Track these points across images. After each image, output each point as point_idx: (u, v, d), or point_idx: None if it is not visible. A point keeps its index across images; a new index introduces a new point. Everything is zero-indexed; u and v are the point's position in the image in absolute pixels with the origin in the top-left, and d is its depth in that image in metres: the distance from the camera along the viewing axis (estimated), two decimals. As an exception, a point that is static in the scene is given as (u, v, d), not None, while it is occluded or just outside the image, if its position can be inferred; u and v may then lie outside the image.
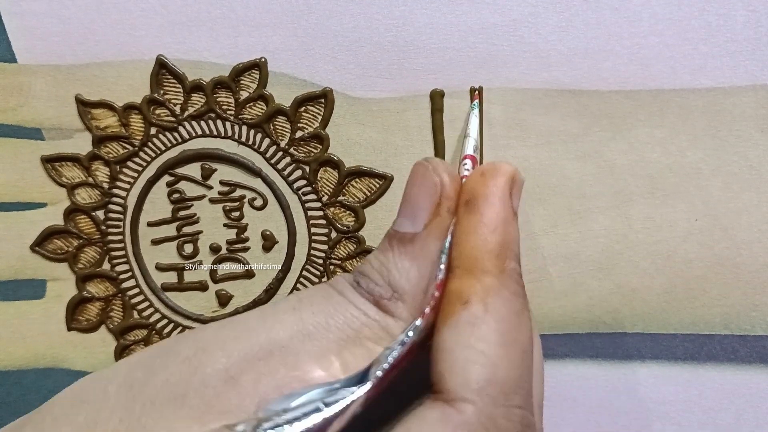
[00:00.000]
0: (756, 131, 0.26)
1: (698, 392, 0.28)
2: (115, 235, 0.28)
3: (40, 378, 0.29)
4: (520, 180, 0.21)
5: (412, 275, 0.20)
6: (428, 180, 0.20)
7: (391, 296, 0.20)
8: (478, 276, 0.19)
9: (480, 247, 0.20)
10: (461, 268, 0.20)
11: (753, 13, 0.25)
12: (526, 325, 0.19)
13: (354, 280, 0.20)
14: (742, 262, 0.27)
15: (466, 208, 0.20)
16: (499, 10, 0.26)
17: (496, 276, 0.19)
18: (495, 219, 0.20)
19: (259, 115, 0.27)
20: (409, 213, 0.21)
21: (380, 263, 0.20)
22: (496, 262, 0.19)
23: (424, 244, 0.20)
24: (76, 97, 0.27)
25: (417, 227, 0.20)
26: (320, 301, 0.20)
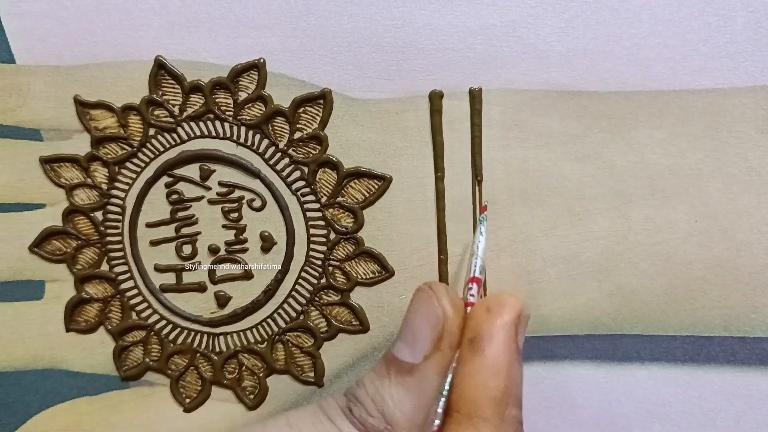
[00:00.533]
0: (756, 132, 0.26)
1: (698, 394, 0.28)
2: (113, 236, 0.28)
3: (39, 379, 0.29)
4: (526, 316, 0.21)
5: (407, 408, 0.19)
6: (431, 310, 0.20)
7: (384, 429, 0.19)
8: (476, 423, 0.19)
9: (481, 393, 0.19)
10: (460, 412, 0.19)
11: (753, 14, 0.25)
12: None
13: (346, 406, 0.20)
14: (742, 263, 0.27)
15: (470, 347, 0.20)
16: (498, 11, 0.26)
17: (496, 426, 0.19)
18: (499, 363, 0.19)
19: (258, 116, 0.27)
20: (409, 340, 0.20)
21: (375, 390, 0.20)
22: (497, 409, 0.19)
23: (423, 377, 0.20)
24: (75, 98, 0.27)
25: (416, 357, 0.20)
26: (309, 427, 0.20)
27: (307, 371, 0.29)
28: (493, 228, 0.27)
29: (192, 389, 0.29)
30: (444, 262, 0.27)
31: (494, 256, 0.28)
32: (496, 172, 0.27)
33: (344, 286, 0.28)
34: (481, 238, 0.25)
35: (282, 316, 0.28)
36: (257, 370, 0.29)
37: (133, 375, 0.29)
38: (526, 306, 0.21)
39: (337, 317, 0.28)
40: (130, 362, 0.29)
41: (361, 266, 0.28)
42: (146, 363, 0.29)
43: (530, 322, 0.28)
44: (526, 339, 0.28)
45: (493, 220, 0.27)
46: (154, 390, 0.29)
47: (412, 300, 0.21)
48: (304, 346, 0.28)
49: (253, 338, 0.29)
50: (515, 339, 0.20)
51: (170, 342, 0.29)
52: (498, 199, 0.27)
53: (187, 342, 0.29)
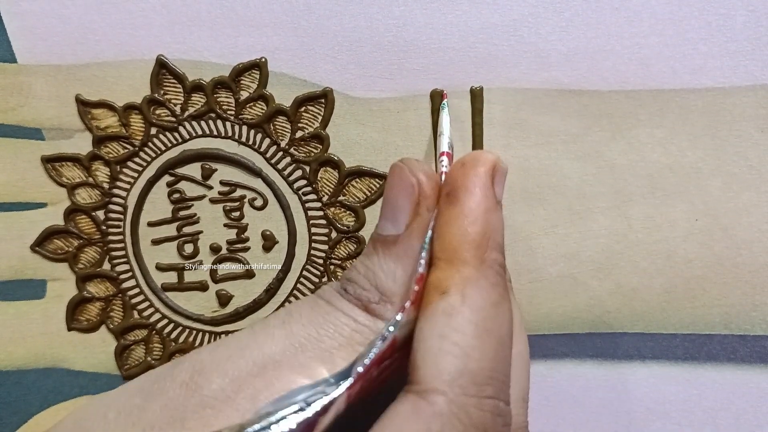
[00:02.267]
0: (756, 131, 0.26)
1: (698, 392, 0.28)
2: (115, 235, 0.28)
3: (41, 378, 0.29)
4: (502, 168, 0.21)
5: (398, 276, 0.20)
6: (405, 181, 0.20)
7: (380, 299, 0.20)
8: (457, 266, 0.19)
9: (460, 238, 0.19)
10: (442, 259, 0.20)
11: (753, 13, 0.25)
12: (504, 317, 0.19)
13: (341, 287, 0.20)
14: (742, 261, 0.27)
15: (447, 200, 0.20)
16: (500, 10, 0.26)
17: (476, 267, 0.19)
18: (475, 209, 0.20)
19: (260, 115, 0.27)
20: (390, 215, 0.21)
21: (366, 268, 0.20)
22: (476, 252, 0.19)
23: (407, 244, 0.20)
24: (77, 97, 0.27)
25: (399, 228, 0.20)
26: (309, 313, 0.20)
27: (309, 370, 0.29)
28: (494, 226, 0.27)
29: (193, 388, 0.29)
30: (445, 260, 0.27)
31: (495, 255, 0.28)
32: (497, 170, 0.27)
33: (346, 285, 0.28)
34: (446, 117, 0.25)
35: (283, 314, 0.28)
36: (259, 368, 0.29)
37: (134, 374, 0.29)
38: (502, 159, 0.21)
39: (338, 316, 0.28)
40: (131, 361, 0.29)
41: (363, 265, 0.28)
42: (148, 362, 0.29)
43: (530, 320, 0.28)
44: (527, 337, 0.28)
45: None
46: (156, 389, 0.29)
47: (388, 177, 0.21)
48: (306, 345, 0.28)
49: (255, 337, 0.29)
50: (491, 188, 0.20)
51: (172, 341, 0.29)
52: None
53: (188, 341, 0.29)
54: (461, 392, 0.18)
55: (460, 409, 0.17)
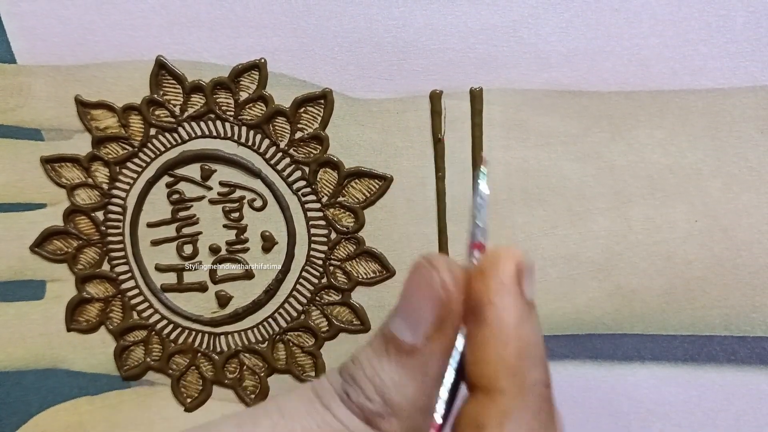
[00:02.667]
0: (756, 132, 0.26)
1: (698, 393, 0.28)
2: (114, 235, 0.28)
3: (40, 378, 0.29)
4: (528, 264, 0.18)
5: (409, 392, 0.18)
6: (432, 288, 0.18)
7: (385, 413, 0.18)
8: (493, 397, 0.17)
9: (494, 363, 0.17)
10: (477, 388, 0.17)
11: (753, 14, 0.25)
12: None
13: (343, 389, 0.18)
14: (742, 263, 0.27)
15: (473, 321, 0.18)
16: (499, 11, 0.26)
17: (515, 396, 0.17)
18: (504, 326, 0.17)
19: (259, 116, 0.27)
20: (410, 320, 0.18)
21: (374, 371, 0.18)
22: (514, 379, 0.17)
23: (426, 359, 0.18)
24: (76, 98, 0.27)
25: (417, 338, 0.18)
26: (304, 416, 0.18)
27: (308, 371, 0.29)
28: (493, 227, 0.27)
29: (193, 389, 0.29)
30: (445, 261, 0.27)
31: (495, 256, 0.28)
32: (497, 171, 0.27)
33: (345, 286, 0.28)
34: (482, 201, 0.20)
35: (283, 315, 0.28)
36: (258, 369, 0.29)
37: (134, 375, 0.29)
38: (527, 255, 0.18)
39: (338, 317, 0.28)
40: (131, 362, 0.29)
41: (362, 266, 0.28)
42: (147, 363, 0.29)
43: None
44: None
45: (493, 220, 0.27)
46: (155, 390, 0.29)
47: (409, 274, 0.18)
48: (305, 346, 0.28)
49: (254, 338, 0.29)
50: (520, 294, 0.18)
51: (171, 342, 0.29)
52: (498, 199, 0.27)
53: (188, 342, 0.29)
54: None
55: None
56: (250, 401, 0.29)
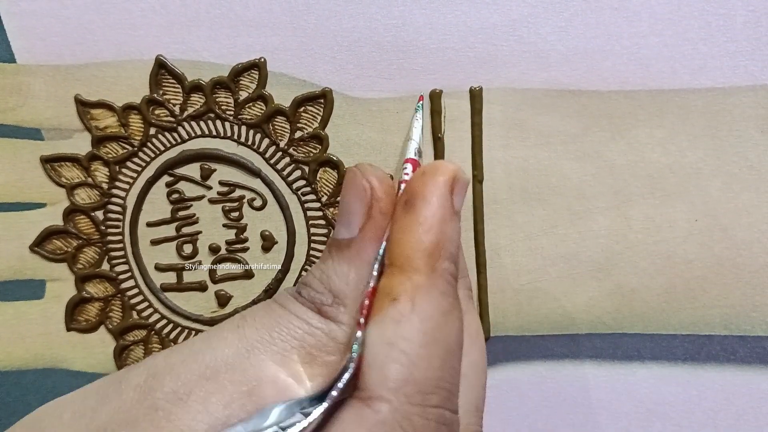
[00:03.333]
0: (756, 131, 0.26)
1: (698, 393, 0.28)
2: (114, 235, 0.28)
3: (40, 378, 0.29)
4: (463, 179, 0.21)
5: (351, 279, 0.20)
6: (358, 185, 0.21)
7: (332, 302, 0.20)
8: (408, 274, 0.19)
9: (413, 246, 0.20)
10: (394, 266, 0.20)
11: (753, 13, 0.25)
12: (453, 326, 0.19)
13: (296, 291, 0.21)
14: (742, 262, 0.27)
15: (404, 208, 0.20)
16: (499, 10, 0.26)
17: (427, 275, 0.19)
18: (431, 218, 0.20)
19: (259, 116, 0.27)
20: (344, 220, 0.21)
21: (320, 271, 0.21)
22: (428, 260, 0.19)
23: (360, 246, 0.20)
24: (76, 98, 0.27)
25: (352, 232, 0.20)
26: (263, 316, 0.20)
27: (308, 370, 0.29)
28: (493, 227, 0.27)
29: (192, 388, 0.29)
30: (444, 261, 0.27)
31: (494, 255, 0.28)
32: (497, 171, 0.27)
33: (345, 285, 0.28)
34: (417, 122, 0.25)
35: (282, 315, 0.28)
36: (258, 369, 0.29)
37: (133, 374, 0.29)
38: (463, 171, 0.21)
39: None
40: (130, 361, 0.29)
41: (362, 265, 0.28)
42: (147, 362, 0.29)
43: (530, 321, 0.28)
44: (525, 338, 0.28)
45: (493, 219, 0.27)
46: (155, 389, 0.29)
47: (343, 182, 0.21)
48: (305, 346, 0.28)
49: (254, 337, 0.29)
50: (449, 198, 0.20)
51: (171, 341, 0.29)
52: (498, 198, 0.27)
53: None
54: (406, 401, 0.18)
55: (403, 417, 0.17)
56: (250, 401, 0.29)
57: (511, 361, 0.28)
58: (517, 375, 0.28)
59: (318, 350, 0.19)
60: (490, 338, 0.28)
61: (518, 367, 0.28)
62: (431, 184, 0.20)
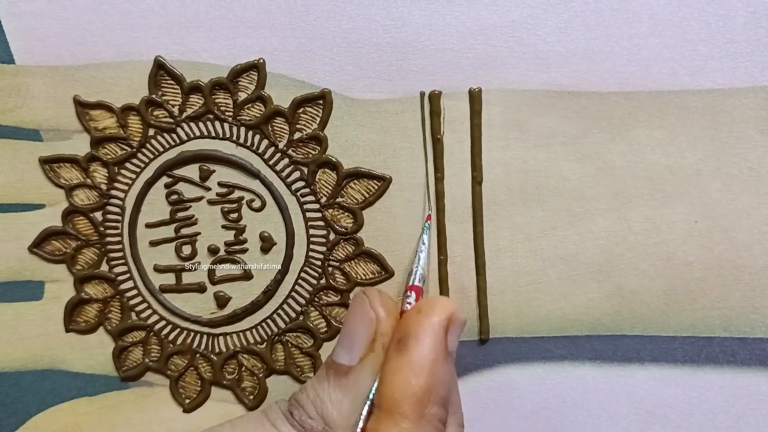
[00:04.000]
0: (756, 133, 0.26)
1: (698, 395, 0.28)
2: (113, 236, 0.28)
3: (38, 379, 0.29)
4: (458, 319, 0.21)
5: (344, 408, 0.20)
6: (365, 313, 0.21)
7: (323, 429, 0.20)
8: (396, 419, 0.19)
9: (402, 390, 0.20)
10: (382, 409, 0.20)
11: (753, 14, 0.25)
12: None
13: (288, 410, 0.21)
14: (742, 264, 0.27)
15: (397, 347, 0.20)
16: (498, 12, 0.26)
17: (414, 422, 0.19)
18: (422, 361, 0.20)
19: (258, 117, 0.27)
20: (346, 345, 0.21)
21: (315, 393, 0.21)
22: (416, 406, 0.19)
23: (358, 377, 0.20)
24: (75, 98, 0.27)
25: (353, 360, 0.21)
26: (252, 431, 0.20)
27: (307, 372, 0.29)
28: (492, 228, 0.27)
29: (191, 390, 0.29)
30: (444, 262, 0.27)
31: (494, 257, 0.28)
32: (496, 172, 0.27)
33: (344, 287, 0.28)
34: (423, 247, 0.26)
35: (281, 316, 0.28)
36: (257, 370, 0.29)
37: (132, 375, 0.29)
38: (460, 310, 0.21)
39: (336, 318, 0.28)
40: (129, 363, 0.29)
41: (361, 267, 0.28)
42: (146, 363, 0.29)
43: (529, 322, 0.28)
44: (525, 339, 0.28)
45: (492, 221, 0.27)
46: (154, 390, 0.29)
47: (350, 306, 0.22)
48: (304, 347, 0.28)
49: (253, 339, 0.29)
50: (443, 340, 0.20)
51: (170, 342, 0.29)
52: (498, 200, 0.27)
53: (186, 342, 0.29)
54: None
55: None
56: (249, 402, 0.29)
57: (511, 362, 0.28)
58: (517, 376, 0.28)
59: None
60: (489, 340, 0.28)
61: (517, 369, 0.28)
62: (426, 324, 0.20)
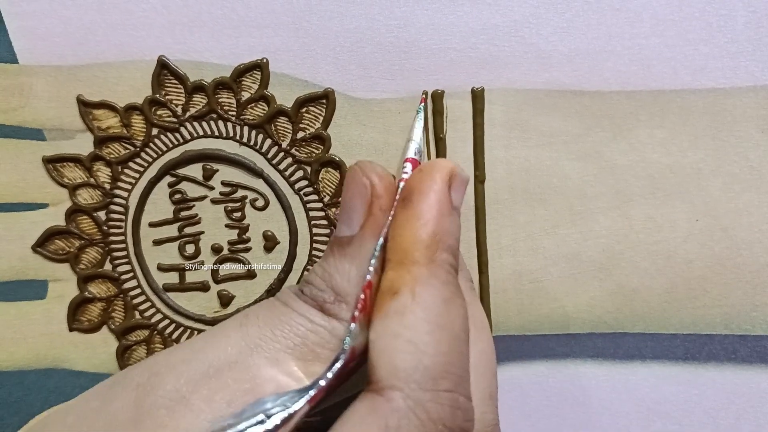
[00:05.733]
0: (756, 132, 0.26)
1: (699, 392, 0.28)
2: (116, 235, 0.28)
3: (42, 378, 0.29)
4: (460, 175, 0.21)
5: (352, 276, 0.20)
6: (358, 182, 0.21)
7: (335, 299, 0.20)
8: (407, 266, 0.19)
9: (411, 239, 0.20)
10: (393, 260, 0.20)
11: (753, 13, 0.26)
12: (456, 313, 0.20)
13: (298, 289, 0.21)
14: (743, 262, 0.27)
15: (402, 204, 0.21)
16: (501, 11, 0.26)
17: (426, 266, 0.19)
18: (427, 211, 0.20)
19: (261, 116, 0.27)
20: (345, 217, 0.21)
21: (322, 269, 0.21)
22: (426, 252, 0.20)
23: (361, 243, 0.20)
24: (78, 98, 0.27)
25: (353, 229, 0.21)
26: (265, 314, 0.20)
27: (310, 370, 0.29)
28: (495, 227, 0.27)
29: (195, 388, 0.29)
30: (446, 261, 0.27)
31: (496, 255, 0.28)
32: (498, 171, 0.27)
33: (347, 286, 0.28)
34: (418, 123, 0.26)
35: (285, 315, 0.28)
36: (260, 369, 0.29)
37: (136, 374, 0.29)
38: (461, 168, 0.21)
39: (339, 316, 0.28)
40: (133, 362, 0.29)
41: (364, 265, 0.28)
42: (149, 362, 0.29)
43: (531, 320, 0.28)
44: (527, 337, 0.28)
45: (495, 219, 0.27)
46: (157, 389, 0.29)
47: (345, 180, 0.21)
48: (307, 345, 0.28)
49: (256, 337, 0.29)
50: (447, 193, 0.20)
51: (173, 341, 0.29)
52: (500, 198, 0.27)
53: (190, 341, 0.29)
54: (417, 387, 0.18)
55: (416, 403, 0.18)
56: (252, 400, 0.29)
57: (513, 360, 0.28)
58: (519, 374, 0.28)
59: (321, 347, 0.20)
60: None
61: (520, 367, 0.28)
62: (428, 179, 0.21)
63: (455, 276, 0.20)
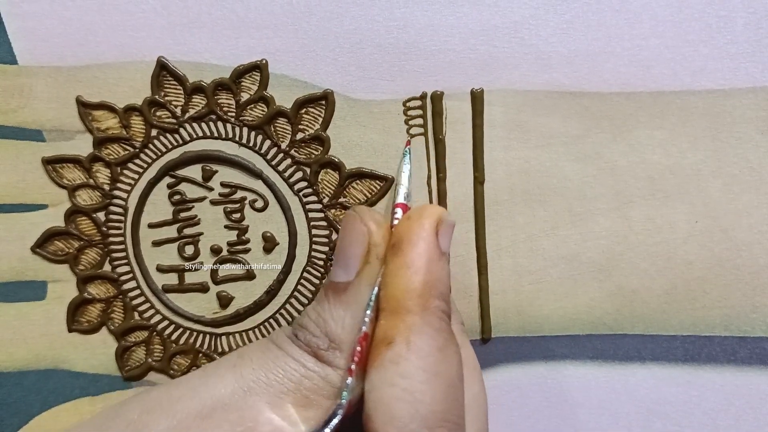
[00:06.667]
0: (756, 133, 0.26)
1: (698, 393, 0.28)
2: (116, 236, 0.28)
3: (41, 379, 0.29)
4: (447, 220, 0.22)
5: (347, 323, 0.20)
6: (356, 229, 0.21)
7: (329, 346, 0.20)
8: (401, 316, 0.20)
9: (403, 288, 0.20)
10: (387, 309, 0.20)
11: (753, 15, 0.26)
12: (451, 360, 0.20)
13: (293, 332, 0.21)
14: (742, 263, 0.27)
15: (392, 252, 0.21)
16: (500, 12, 0.26)
17: (419, 314, 0.20)
18: (417, 260, 0.20)
19: (260, 117, 0.27)
20: (341, 262, 0.21)
21: (317, 314, 0.21)
22: (419, 301, 0.20)
23: (357, 291, 0.21)
24: (77, 99, 0.27)
25: (349, 275, 0.21)
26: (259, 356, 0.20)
27: (309, 371, 0.29)
28: (494, 228, 0.27)
29: (194, 389, 0.29)
30: (446, 262, 0.27)
31: (496, 256, 0.28)
32: (498, 172, 0.27)
33: (346, 287, 0.28)
34: (405, 167, 0.26)
35: (284, 316, 0.28)
36: (259, 370, 0.29)
37: (135, 375, 0.29)
38: (448, 214, 0.22)
39: (339, 317, 0.28)
40: (132, 362, 0.29)
41: (363, 266, 0.28)
42: (149, 363, 0.29)
43: (531, 321, 0.28)
44: (526, 339, 0.28)
45: (494, 220, 0.27)
46: (157, 390, 0.29)
47: (341, 225, 0.22)
48: (306, 346, 0.28)
49: (256, 338, 0.29)
50: (435, 240, 0.21)
51: (173, 342, 0.29)
52: (499, 200, 0.27)
53: (189, 342, 0.29)
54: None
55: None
56: (252, 402, 0.29)
57: (512, 361, 0.28)
58: (519, 375, 0.28)
59: (314, 393, 0.20)
60: (491, 339, 0.28)
61: (519, 368, 0.28)
62: (417, 227, 0.21)
63: (448, 322, 0.21)
